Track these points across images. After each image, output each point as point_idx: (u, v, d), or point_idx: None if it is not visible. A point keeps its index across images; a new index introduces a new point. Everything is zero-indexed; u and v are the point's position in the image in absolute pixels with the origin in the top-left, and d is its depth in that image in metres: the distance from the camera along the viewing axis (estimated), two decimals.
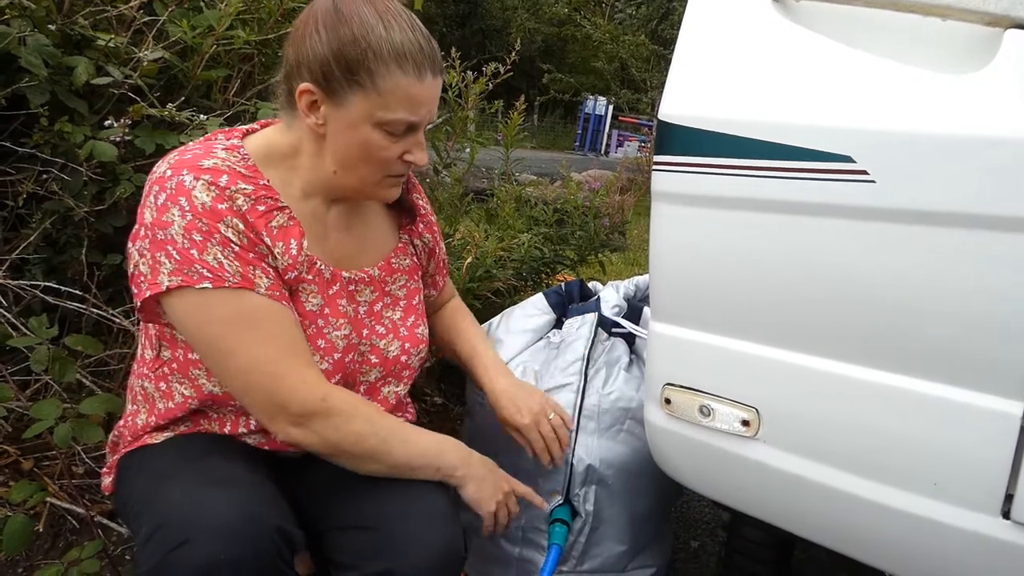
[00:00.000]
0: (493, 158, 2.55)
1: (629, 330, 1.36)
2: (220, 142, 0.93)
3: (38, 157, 1.44)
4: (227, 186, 0.87)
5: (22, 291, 1.44)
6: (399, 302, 1.08)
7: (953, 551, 0.78)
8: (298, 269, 0.93)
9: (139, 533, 0.81)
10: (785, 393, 0.88)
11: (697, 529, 1.68)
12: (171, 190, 0.85)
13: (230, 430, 0.98)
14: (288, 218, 0.92)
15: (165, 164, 0.88)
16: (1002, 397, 0.72)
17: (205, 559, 0.75)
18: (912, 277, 0.75)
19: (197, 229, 0.84)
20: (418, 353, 1.09)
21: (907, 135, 0.73)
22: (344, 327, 0.98)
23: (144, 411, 0.99)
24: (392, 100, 0.88)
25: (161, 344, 0.96)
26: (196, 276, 0.84)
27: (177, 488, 0.83)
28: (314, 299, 0.95)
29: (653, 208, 0.95)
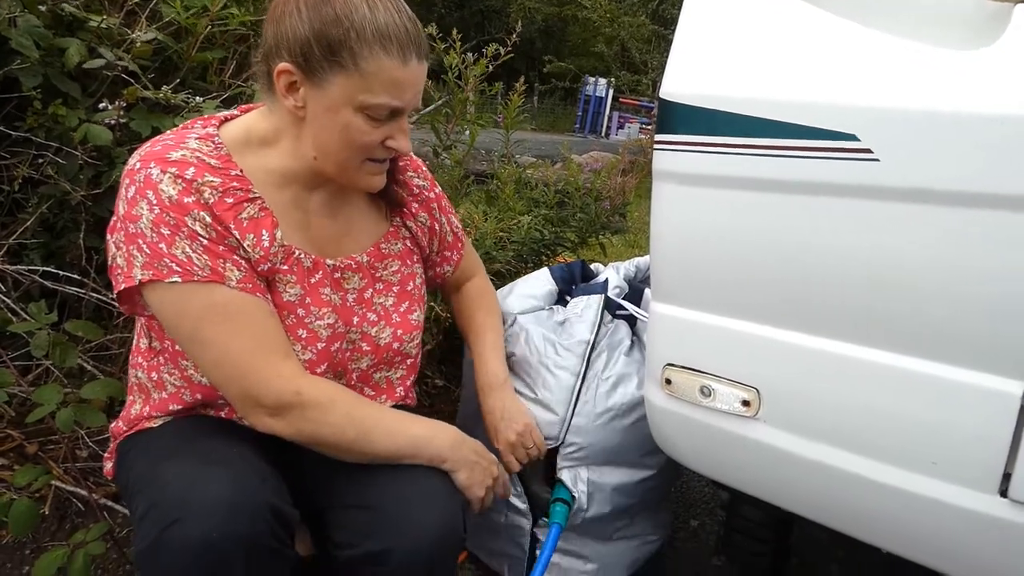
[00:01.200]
0: (493, 140, 2.53)
1: (631, 312, 1.36)
2: (195, 131, 0.92)
3: (33, 141, 1.43)
4: (194, 178, 0.85)
5: (20, 276, 1.44)
6: (392, 288, 1.06)
7: (950, 529, 0.78)
8: (272, 260, 0.92)
9: (135, 514, 0.82)
10: (786, 373, 0.88)
11: (696, 508, 1.70)
12: (140, 183, 0.84)
13: (226, 415, 0.98)
14: (259, 209, 0.91)
15: (136, 156, 0.87)
16: (1002, 377, 0.72)
17: (199, 536, 0.75)
18: (915, 257, 0.74)
19: (165, 223, 0.83)
20: (411, 340, 1.07)
21: (913, 113, 0.72)
22: (328, 316, 0.96)
23: (140, 401, 0.99)
24: (375, 83, 0.86)
25: (151, 334, 0.96)
26: (166, 270, 0.84)
27: (172, 468, 0.83)
28: (292, 289, 0.94)
29: (654, 188, 0.94)
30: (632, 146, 5.29)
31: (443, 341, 1.87)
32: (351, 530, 0.93)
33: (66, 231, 1.54)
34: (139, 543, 0.78)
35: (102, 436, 1.40)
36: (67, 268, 1.48)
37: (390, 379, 1.08)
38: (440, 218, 1.16)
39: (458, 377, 1.97)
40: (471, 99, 2.20)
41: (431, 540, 0.89)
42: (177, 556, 0.75)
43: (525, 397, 1.26)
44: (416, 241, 1.13)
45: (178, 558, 0.75)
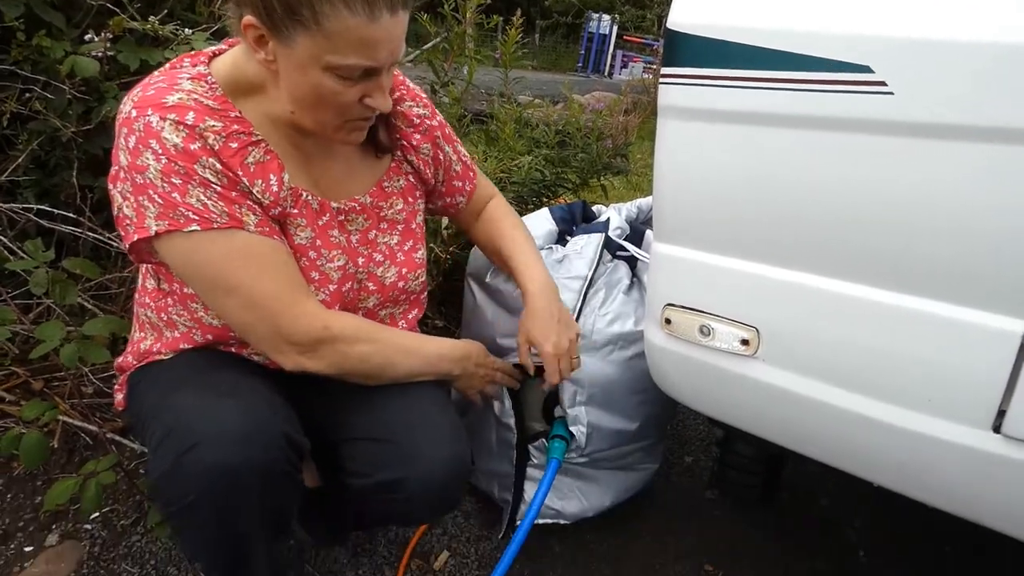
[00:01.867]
0: (492, 79, 2.46)
1: (632, 253, 1.36)
2: (186, 70, 0.87)
3: (19, 74, 1.39)
4: (195, 124, 0.82)
5: (15, 215, 1.42)
6: (396, 227, 1.06)
7: (943, 464, 0.80)
8: (282, 204, 0.90)
9: (150, 441, 0.83)
10: (786, 312, 0.88)
11: (691, 445, 1.74)
12: (140, 132, 0.80)
13: (236, 350, 0.99)
14: (264, 152, 0.88)
15: (130, 103, 0.83)
16: (1005, 315, 0.72)
17: (215, 461, 0.77)
18: (923, 193, 0.73)
19: (175, 172, 0.81)
20: (416, 278, 1.08)
21: (930, 43, 0.69)
22: (338, 258, 0.97)
23: (151, 338, 1.00)
24: (341, 43, 0.78)
25: (159, 276, 0.96)
26: (183, 220, 0.82)
27: (187, 397, 0.84)
28: (303, 232, 0.93)
29: (659, 124, 0.91)
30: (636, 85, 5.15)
31: (443, 283, 1.87)
32: (364, 461, 0.96)
33: (59, 169, 1.51)
34: (155, 469, 0.80)
35: (107, 373, 1.42)
36: (62, 207, 1.46)
37: (394, 316, 1.09)
38: (445, 147, 1.12)
39: (458, 318, 1.98)
40: (470, 33, 2.13)
41: (442, 469, 0.93)
42: (194, 481, 0.77)
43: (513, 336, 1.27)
44: (419, 175, 1.10)
45: (195, 482, 0.77)
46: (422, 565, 1.29)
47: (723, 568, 1.35)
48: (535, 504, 1.12)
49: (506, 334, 1.28)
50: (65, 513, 1.29)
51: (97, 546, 1.23)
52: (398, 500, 0.93)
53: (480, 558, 1.32)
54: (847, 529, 1.48)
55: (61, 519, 1.28)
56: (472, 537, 1.37)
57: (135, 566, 1.20)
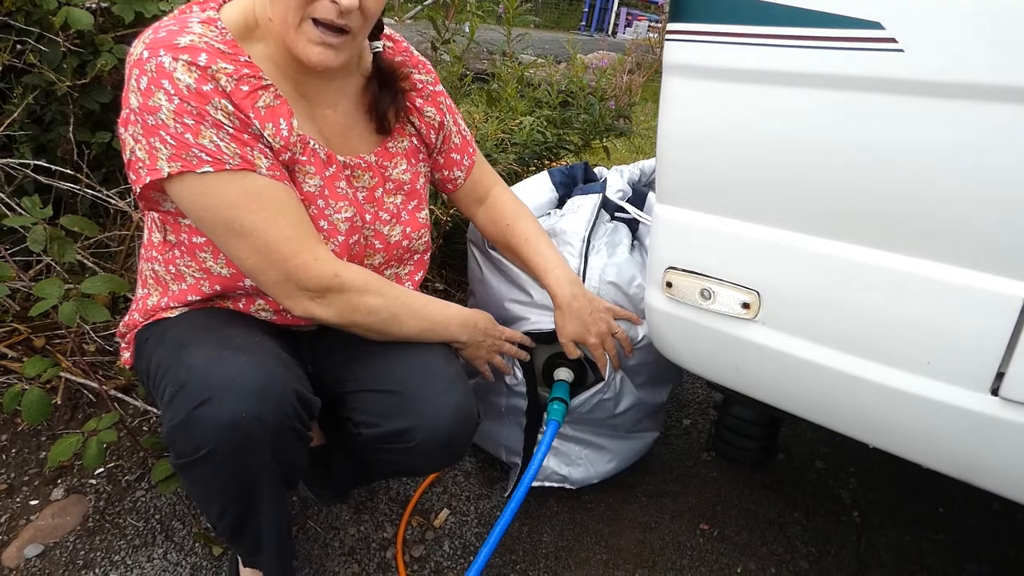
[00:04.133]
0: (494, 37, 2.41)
1: (633, 215, 1.34)
2: (195, 15, 0.87)
3: (12, 26, 1.36)
4: (207, 65, 0.82)
5: (12, 171, 1.41)
6: (402, 187, 1.06)
7: (941, 426, 0.81)
8: (291, 150, 0.90)
9: (162, 396, 0.84)
10: (787, 275, 0.88)
11: (689, 408, 1.76)
12: (152, 73, 0.80)
13: (244, 307, 0.99)
14: (274, 96, 0.88)
15: (141, 44, 0.83)
16: (1006, 278, 0.71)
17: (229, 414, 0.78)
18: (932, 154, 0.72)
19: (187, 112, 0.80)
20: (419, 237, 1.08)
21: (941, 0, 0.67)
22: (346, 209, 0.97)
23: (156, 294, 1.00)
24: None
25: (166, 227, 0.95)
26: (196, 160, 0.82)
27: (198, 352, 0.85)
28: (312, 180, 0.93)
29: (664, 83, 0.89)
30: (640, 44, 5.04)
31: (444, 245, 1.86)
32: (373, 411, 0.97)
33: (55, 124, 1.49)
34: (169, 421, 0.81)
35: (108, 331, 1.42)
36: (59, 163, 1.44)
37: (399, 275, 1.10)
38: (448, 114, 1.13)
39: (458, 281, 1.98)
40: None
41: (450, 419, 0.95)
42: (208, 433, 0.78)
43: (520, 303, 1.27)
44: (422, 138, 1.10)
45: (208, 435, 0.79)
46: (423, 522, 1.32)
47: (718, 527, 1.38)
48: (534, 464, 1.13)
49: (512, 300, 1.28)
50: (70, 468, 1.31)
51: (102, 500, 1.26)
52: (406, 449, 0.95)
53: (480, 516, 1.35)
54: (841, 490, 1.51)
55: (66, 474, 1.30)
56: (472, 495, 1.39)
57: (140, 520, 1.23)
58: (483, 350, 1.12)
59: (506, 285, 1.30)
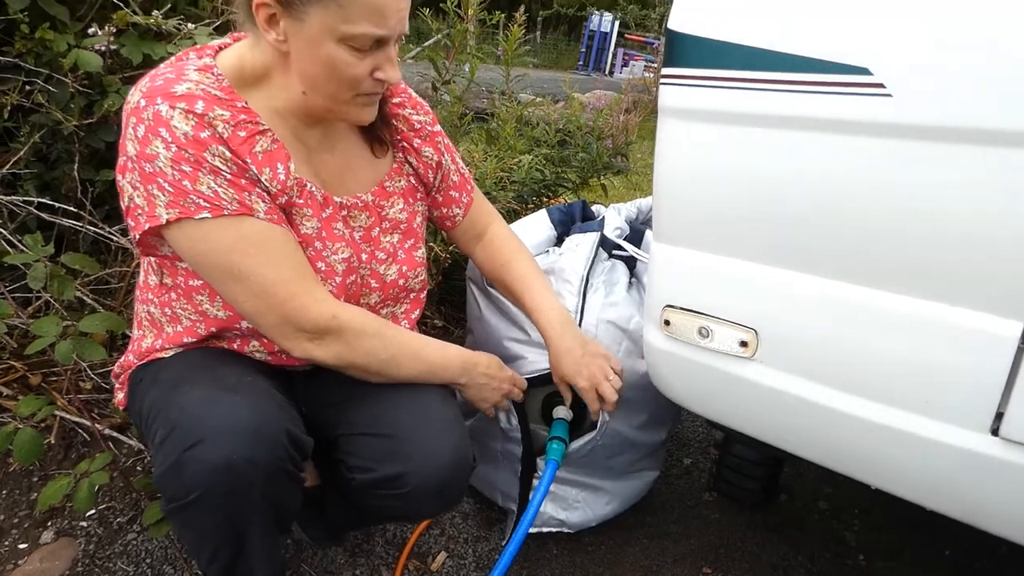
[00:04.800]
0: (493, 77, 2.46)
1: (630, 253, 1.35)
2: (192, 62, 0.88)
3: (21, 67, 1.39)
4: (204, 112, 0.83)
5: (16, 208, 1.42)
6: (399, 226, 1.06)
7: (941, 467, 0.80)
8: (288, 193, 0.91)
9: (154, 438, 0.83)
10: (784, 314, 0.88)
11: (690, 447, 1.74)
12: (149, 121, 0.81)
13: (238, 347, 0.99)
14: (271, 141, 0.89)
15: (138, 93, 0.84)
16: (1002, 318, 0.72)
17: (220, 458, 0.77)
18: (921, 195, 0.73)
19: (184, 160, 0.81)
20: (416, 276, 1.09)
21: (927, 46, 0.69)
22: (343, 250, 0.97)
23: (151, 335, 0.99)
24: (354, 12, 0.82)
25: (162, 271, 0.95)
26: (194, 207, 0.82)
27: (190, 393, 0.84)
28: (309, 222, 0.94)
29: (660, 125, 0.91)
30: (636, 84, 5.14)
31: (443, 281, 1.87)
32: (365, 456, 0.96)
33: (60, 162, 1.51)
34: (160, 465, 0.80)
35: (105, 368, 1.41)
36: (63, 200, 1.46)
37: (395, 314, 1.09)
38: (444, 154, 1.14)
39: (457, 318, 1.98)
40: (471, 31, 2.13)
41: (444, 465, 0.93)
42: (199, 476, 0.77)
43: (518, 341, 1.27)
44: (420, 178, 1.11)
45: (200, 478, 0.77)
46: (420, 566, 1.29)
47: (721, 570, 1.35)
48: (533, 505, 1.11)
49: (510, 338, 1.28)
50: (61, 510, 1.29)
51: (92, 544, 1.23)
52: (400, 495, 0.93)
53: (478, 559, 1.32)
54: (845, 532, 1.48)
55: (56, 516, 1.28)
56: (470, 538, 1.37)
57: (130, 564, 1.20)
58: (487, 392, 1.10)
59: (504, 323, 1.30)
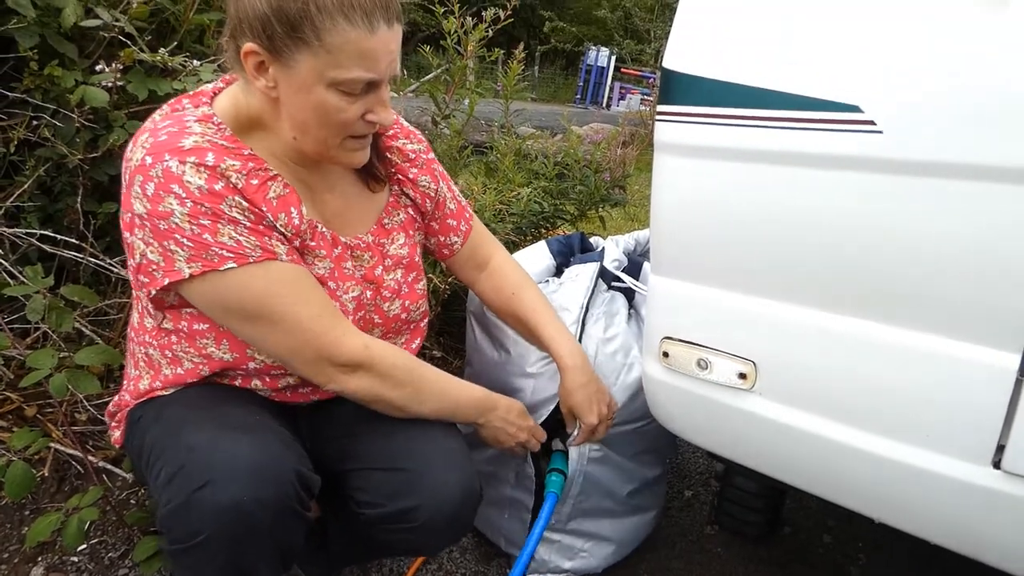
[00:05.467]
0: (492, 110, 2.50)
1: (629, 285, 1.36)
2: (189, 112, 0.87)
3: (29, 102, 1.41)
4: (216, 164, 0.82)
5: (18, 239, 1.43)
6: (401, 261, 1.07)
7: (943, 500, 0.80)
8: (302, 236, 0.92)
9: (158, 477, 0.82)
10: (783, 346, 0.88)
11: (691, 479, 1.72)
12: (159, 179, 0.80)
13: (240, 384, 0.98)
14: (283, 186, 0.90)
15: (141, 150, 0.82)
16: (999, 350, 0.72)
17: (229, 499, 0.76)
18: (914, 229, 0.74)
19: (202, 214, 0.81)
20: (417, 308, 1.09)
21: (916, 84, 0.71)
22: (353, 288, 0.98)
23: (148, 376, 0.98)
24: (343, 57, 0.81)
25: (162, 315, 0.94)
26: (218, 259, 0.82)
27: (197, 432, 0.83)
28: (322, 263, 0.95)
29: (656, 160, 0.93)
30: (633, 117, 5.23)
31: (442, 312, 1.87)
32: (376, 490, 0.96)
33: (63, 195, 1.52)
34: (165, 504, 0.79)
35: (101, 400, 1.41)
36: (65, 232, 1.47)
37: (396, 344, 1.09)
38: (441, 182, 1.14)
39: (456, 348, 1.98)
40: (470, 66, 2.17)
41: (454, 498, 0.93)
42: (207, 518, 0.76)
43: (514, 374, 1.27)
44: (417, 208, 1.11)
45: (208, 520, 0.76)
46: None
47: None
48: (534, 537, 1.10)
49: (514, 373, 1.27)
50: (52, 544, 1.27)
51: None
52: (411, 529, 0.93)
53: None
54: (851, 567, 1.46)
55: (47, 551, 1.26)
56: (468, 573, 1.34)
57: None
58: (501, 436, 1.09)
59: (501, 355, 1.30)
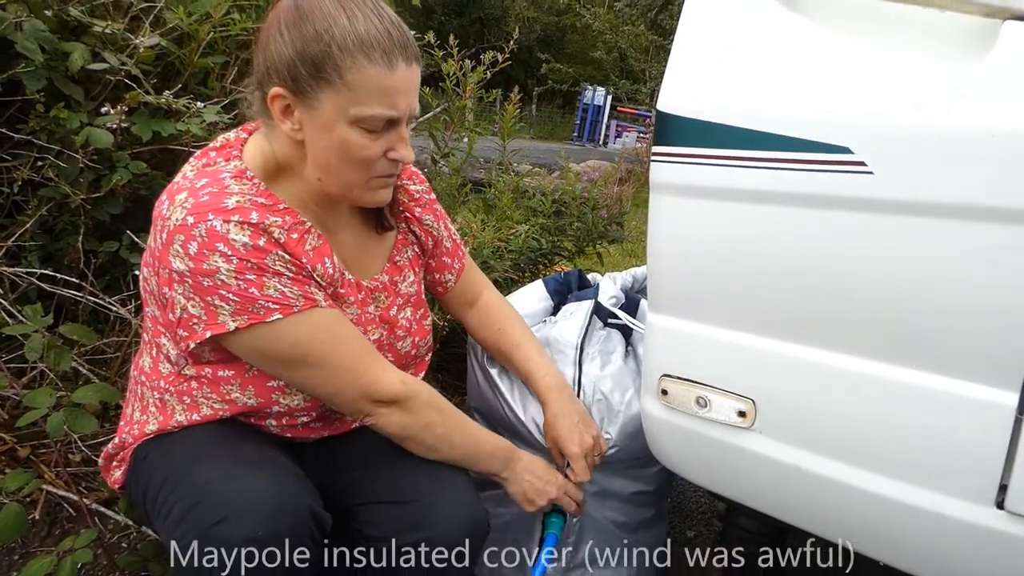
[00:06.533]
0: (491, 148, 2.55)
1: (625, 322, 1.36)
2: (223, 169, 0.89)
3: (34, 143, 1.43)
4: (259, 221, 0.85)
5: (18, 279, 1.44)
6: (410, 299, 1.09)
7: (946, 540, 0.79)
8: (334, 284, 0.95)
9: (169, 514, 0.81)
10: (781, 384, 0.88)
11: (692, 519, 1.69)
12: (203, 238, 0.81)
13: (254, 422, 0.98)
14: (317, 237, 0.92)
15: (181, 210, 0.83)
16: (998, 388, 0.72)
17: (245, 536, 0.76)
18: (908, 268, 0.75)
19: (248, 269, 0.83)
20: (425, 344, 1.11)
21: (904, 126, 0.73)
22: (375, 331, 1.01)
23: (155, 421, 0.96)
24: (364, 94, 0.84)
25: (184, 361, 0.93)
26: (263, 311, 0.84)
27: (210, 468, 0.83)
28: (350, 309, 0.97)
29: (652, 199, 0.94)
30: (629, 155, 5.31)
31: (440, 349, 1.87)
32: (386, 524, 0.95)
33: (65, 234, 1.54)
34: (178, 541, 0.78)
35: (96, 440, 1.39)
36: (65, 271, 1.48)
37: None
38: (440, 220, 1.17)
39: (454, 386, 1.97)
40: (469, 106, 2.22)
41: (462, 530, 0.94)
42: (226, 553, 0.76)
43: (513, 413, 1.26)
44: (421, 245, 1.14)
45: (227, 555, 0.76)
46: None
47: None
48: None
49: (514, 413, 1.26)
50: None
51: None
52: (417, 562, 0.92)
53: None
54: None
55: None
56: None
57: None
58: (531, 491, 1.07)
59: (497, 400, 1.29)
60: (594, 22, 12.18)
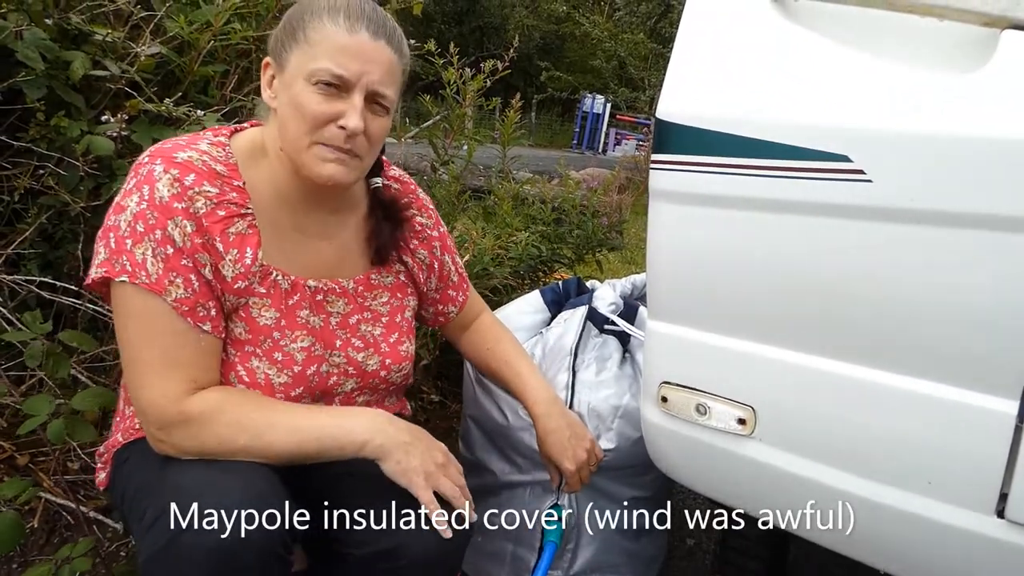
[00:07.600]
0: (491, 156, 2.55)
1: (623, 328, 1.36)
2: (207, 137, 0.94)
3: (34, 152, 1.43)
4: (191, 186, 0.86)
5: (17, 286, 1.44)
6: (380, 318, 1.06)
7: (947, 549, 0.78)
8: (249, 279, 0.91)
9: (142, 519, 0.81)
10: (782, 392, 0.88)
11: (692, 527, 1.69)
12: (141, 176, 0.86)
13: None
14: (248, 226, 0.91)
15: (148, 150, 0.90)
16: (998, 396, 0.72)
17: (215, 542, 0.75)
18: (908, 276, 0.75)
19: (143, 219, 0.84)
20: (400, 370, 1.07)
21: (903, 134, 0.73)
22: (303, 339, 0.96)
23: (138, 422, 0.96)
24: (319, 50, 0.88)
25: None
26: (119, 268, 0.84)
27: (183, 473, 0.83)
28: (267, 313, 0.94)
29: (651, 207, 0.95)
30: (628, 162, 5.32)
31: (439, 356, 1.87)
32: (360, 530, 0.92)
33: (64, 242, 1.54)
34: (148, 548, 0.77)
35: (94, 447, 1.39)
36: (64, 279, 1.47)
37: (370, 403, 1.07)
38: (443, 258, 1.16)
39: (454, 392, 1.97)
40: (469, 114, 2.22)
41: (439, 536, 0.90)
42: (192, 561, 0.75)
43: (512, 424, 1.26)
44: (411, 276, 1.12)
45: (194, 563, 0.75)
46: None
47: None
48: None
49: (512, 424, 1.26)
50: None
51: None
52: (395, 569, 0.90)
53: None
54: None
55: None
56: None
57: None
58: (415, 460, 0.88)
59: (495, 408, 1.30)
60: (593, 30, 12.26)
